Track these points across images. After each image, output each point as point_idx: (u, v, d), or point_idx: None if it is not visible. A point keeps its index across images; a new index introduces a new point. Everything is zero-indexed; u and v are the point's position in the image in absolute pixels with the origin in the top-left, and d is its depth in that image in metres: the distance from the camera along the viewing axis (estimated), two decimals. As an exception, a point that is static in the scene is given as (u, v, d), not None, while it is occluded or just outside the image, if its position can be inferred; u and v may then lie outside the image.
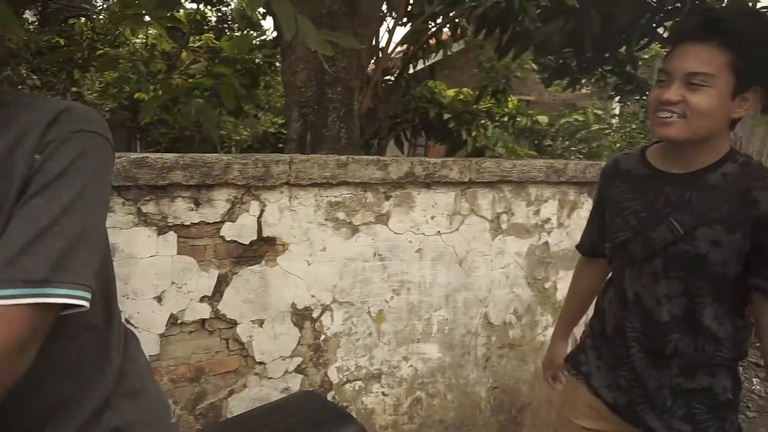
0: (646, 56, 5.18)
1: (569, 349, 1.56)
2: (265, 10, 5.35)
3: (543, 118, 6.08)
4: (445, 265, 2.28)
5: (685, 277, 1.17)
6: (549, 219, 2.50)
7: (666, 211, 1.17)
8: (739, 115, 1.11)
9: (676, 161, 1.19)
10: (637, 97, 5.09)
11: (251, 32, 6.88)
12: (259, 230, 1.87)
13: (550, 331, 2.59)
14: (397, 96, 5.03)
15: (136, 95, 6.81)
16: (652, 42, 3.59)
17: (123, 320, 0.94)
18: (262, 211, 1.87)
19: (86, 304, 0.69)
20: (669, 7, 3.12)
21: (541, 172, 2.41)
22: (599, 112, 7.01)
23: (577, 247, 1.53)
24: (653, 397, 1.25)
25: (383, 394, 2.20)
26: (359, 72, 2.53)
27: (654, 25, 3.31)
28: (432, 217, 2.22)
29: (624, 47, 3.60)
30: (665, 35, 3.40)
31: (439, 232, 2.24)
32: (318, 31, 1.72)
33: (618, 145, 6.54)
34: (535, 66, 5.01)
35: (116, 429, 0.82)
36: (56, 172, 0.70)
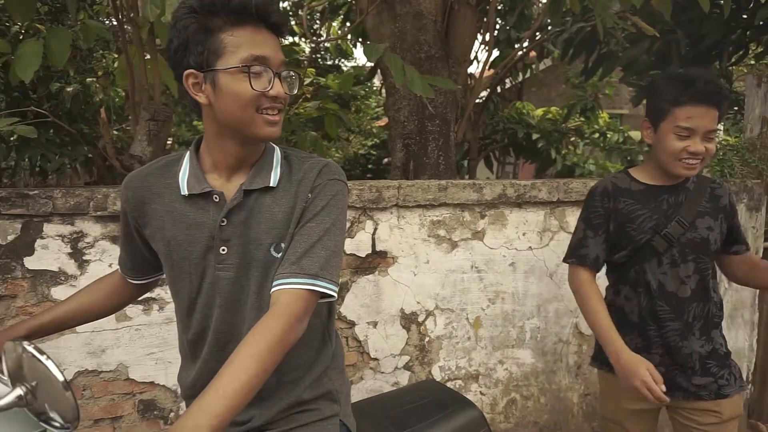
0: (748, 66, 5.02)
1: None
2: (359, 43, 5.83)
3: (636, 134, 6.02)
4: (537, 277, 2.48)
5: (696, 258, 1.55)
6: (638, 234, 2.63)
7: (670, 212, 1.55)
8: None
9: (667, 178, 1.57)
10: (735, 108, 4.95)
11: (345, 65, 7.41)
12: (373, 245, 2.20)
13: (642, 342, 2.70)
14: (485, 118, 5.27)
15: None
16: (745, 56, 3.57)
17: None
18: (375, 229, 2.20)
19: (335, 295, 1.02)
20: (760, 23, 3.13)
21: (628, 190, 2.56)
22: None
23: (587, 264, 1.62)
24: (684, 363, 1.55)
25: (481, 393, 2.43)
26: (454, 106, 2.83)
27: (747, 40, 3.32)
28: (523, 234, 2.45)
29: (716, 63, 3.61)
30: (759, 50, 3.39)
31: (530, 247, 2.46)
32: (421, 77, 2.03)
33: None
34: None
35: (329, 391, 1.17)
36: (321, 206, 1.05)
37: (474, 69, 4.37)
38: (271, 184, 1.07)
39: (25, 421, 0.87)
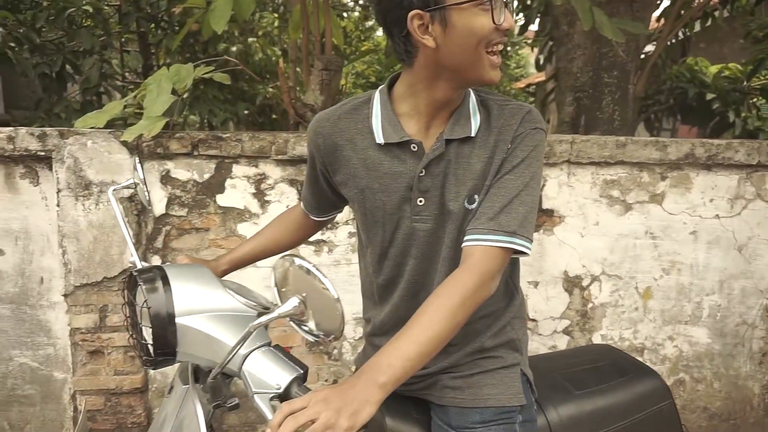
0: None
1: None
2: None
3: (840, 95, 5.05)
4: (722, 249, 2.21)
5: None
6: None
7: None
8: None
9: None
10: None
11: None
12: (540, 202, 2.10)
13: None
14: (649, 75, 4.74)
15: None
16: None
17: None
18: (543, 185, 2.09)
19: (530, 252, 0.97)
20: None
21: None
22: None
23: None
24: None
25: (645, 369, 2.26)
26: (636, 55, 2.56)
27: None
28: (710, 200, 2.18)
29: None
30: None
31: (717, 215, 2.19)
32: (610, 20, 1.85)
33: None
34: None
35: (511, 340, 1.14)
36: (521, 157, 0.99)
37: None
38: (471, 134, 1.01)
39: (240, 326, 0.94)
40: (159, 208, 2.00)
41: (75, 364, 2.03)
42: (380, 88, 1.07)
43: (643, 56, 4.79)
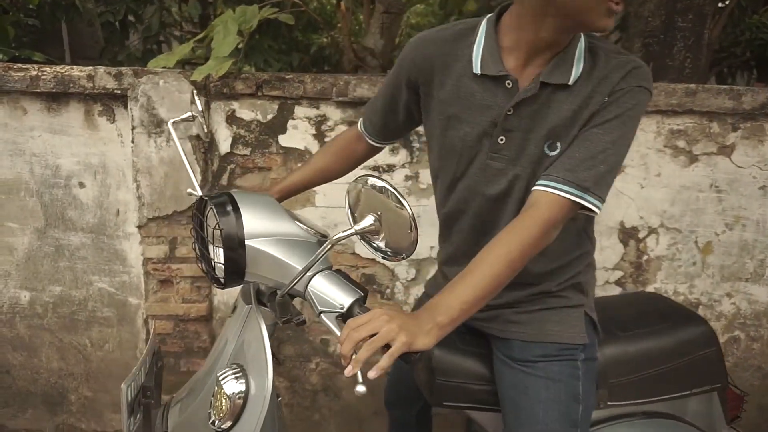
0: None
1: None
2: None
3: None
4: (793, 206, 2.12)
5: None
6: None
7: None
8: None
9: None
10: None
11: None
12: (600, 151, 2.06)
13: None
14: (726, 22, 4.42)
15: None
16: None
17: None
18: (604, 134, 2.05)
19: (599, 212, 0.96)
20: None
21: None
22: None
23: None
24: None
25: (699, 324, 2.23)
26: (715, -2, 2.40)
27: None
28: (785, 153, 2.08)
29: None
30: None
31: (790, 170, 2.09)
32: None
33: None
34: None
35: (578, 283, 1.16)
36: (615, 114, 0.94)
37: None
38: (569, 82, 0.96)
39: (303, 250, 0.99)
40: (224, 147, 2.09)
41: (147, 291, 2.20)
42: (488, 16, 1.04)
43: (721, 6, 4.48)
